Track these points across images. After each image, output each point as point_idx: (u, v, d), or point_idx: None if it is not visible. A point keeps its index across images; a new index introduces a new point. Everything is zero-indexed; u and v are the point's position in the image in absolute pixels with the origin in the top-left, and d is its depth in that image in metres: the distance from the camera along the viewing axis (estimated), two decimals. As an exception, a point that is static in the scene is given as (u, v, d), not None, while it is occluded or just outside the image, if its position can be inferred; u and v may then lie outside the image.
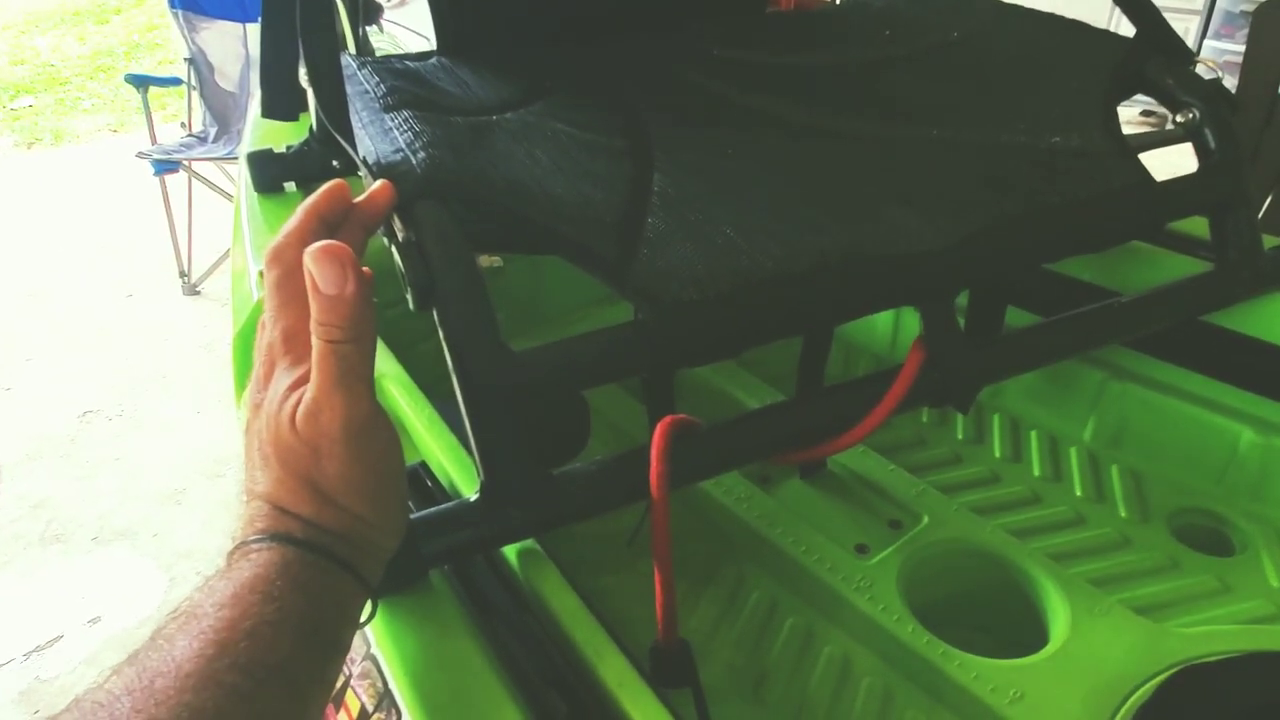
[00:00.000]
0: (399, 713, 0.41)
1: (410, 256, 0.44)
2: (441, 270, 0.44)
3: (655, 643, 0.50)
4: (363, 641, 0.45)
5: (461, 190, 0.49)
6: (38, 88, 5.23)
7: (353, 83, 0.60)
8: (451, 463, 0.53)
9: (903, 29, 0.79)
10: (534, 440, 0.46)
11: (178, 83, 2.96)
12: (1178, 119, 0.67)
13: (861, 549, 0.65)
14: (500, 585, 0.48)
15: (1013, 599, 0.62)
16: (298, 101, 0.75)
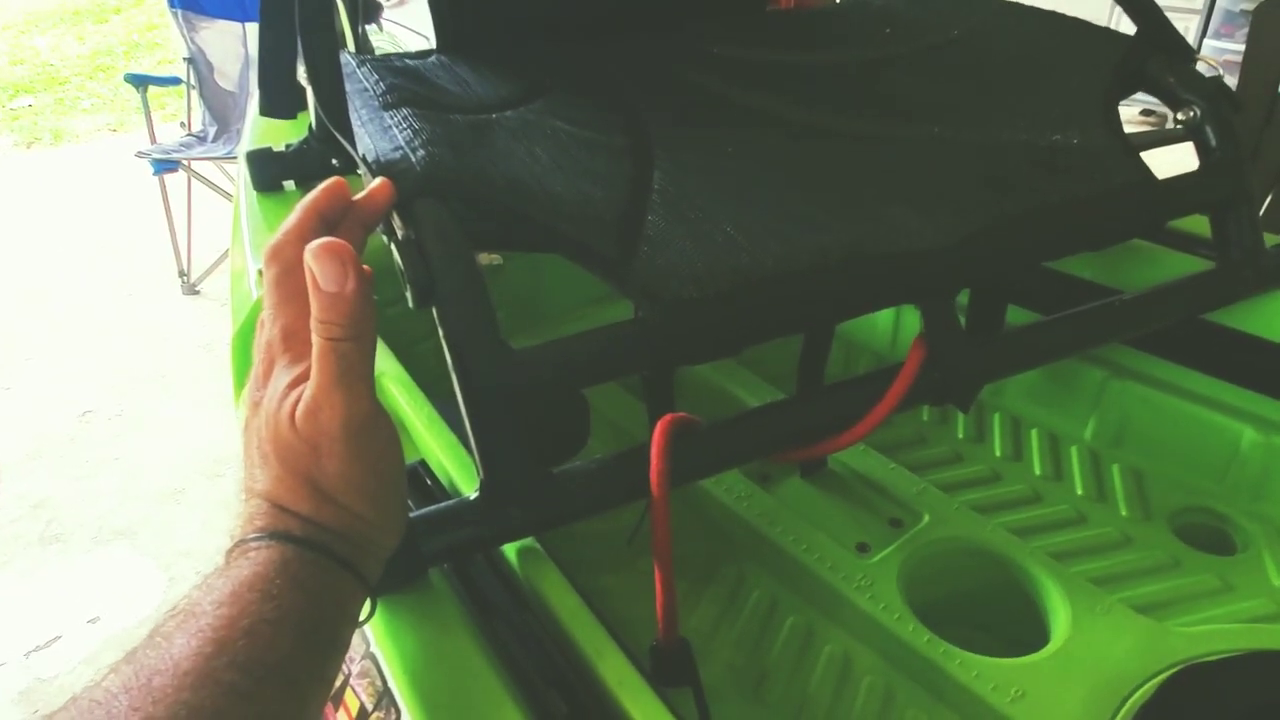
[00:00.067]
0: (398, 711, 0.41)
1: (410, 254, 0.44)
2: (441, 268, 0.44)
3: (655, 642, 0.50)
4: (362, 640, 0.45)
5: (461, 188, 0.48)
6: (37, 87, 5.24)
7: (352, 81, 0.60)
8: (451, 461, 0.53)
9: (903, 27, 0.79)
10: (534, 439, 0.46)
11: (177, 82, 2.96)
12: (1179, 116, 0.67)
13: (862, 548, 0.65)
14: (500, 584, 0.48)
15: (1014, 598, 0.62)
16: (297, 100, 0.75)
